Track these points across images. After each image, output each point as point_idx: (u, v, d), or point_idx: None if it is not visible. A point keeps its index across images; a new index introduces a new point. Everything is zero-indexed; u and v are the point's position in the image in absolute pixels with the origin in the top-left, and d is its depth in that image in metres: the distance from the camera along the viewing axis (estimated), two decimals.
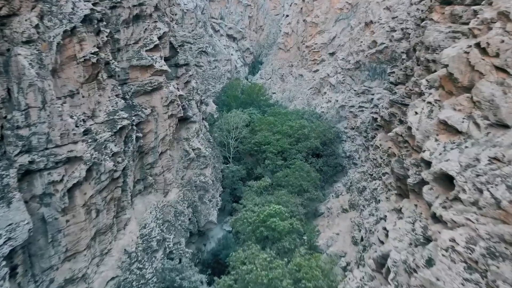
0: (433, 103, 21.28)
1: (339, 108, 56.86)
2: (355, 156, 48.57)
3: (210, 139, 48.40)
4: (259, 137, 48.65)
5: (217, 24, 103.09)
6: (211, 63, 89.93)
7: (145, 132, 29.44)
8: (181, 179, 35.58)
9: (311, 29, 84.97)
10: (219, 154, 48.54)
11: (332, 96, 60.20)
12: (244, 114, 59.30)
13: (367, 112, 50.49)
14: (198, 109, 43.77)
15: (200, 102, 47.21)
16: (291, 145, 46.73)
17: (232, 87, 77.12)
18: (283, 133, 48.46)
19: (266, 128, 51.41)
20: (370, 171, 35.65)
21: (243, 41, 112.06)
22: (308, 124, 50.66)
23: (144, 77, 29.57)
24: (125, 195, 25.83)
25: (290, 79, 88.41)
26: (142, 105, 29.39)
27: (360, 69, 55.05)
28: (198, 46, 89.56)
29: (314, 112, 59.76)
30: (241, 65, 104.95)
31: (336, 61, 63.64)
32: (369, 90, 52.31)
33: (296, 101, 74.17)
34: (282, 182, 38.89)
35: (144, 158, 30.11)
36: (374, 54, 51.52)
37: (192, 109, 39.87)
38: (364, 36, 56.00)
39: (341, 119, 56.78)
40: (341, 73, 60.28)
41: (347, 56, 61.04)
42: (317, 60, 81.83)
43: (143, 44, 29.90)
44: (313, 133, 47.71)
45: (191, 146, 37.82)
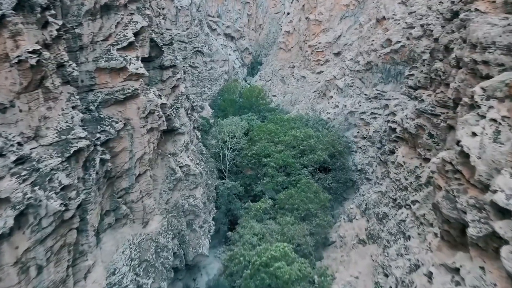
0: (500, 121, 15.47)
1: (347, 114, 51.00)
2: (367, 170, 42.70)
3: (203, 150, 42.58)
4: (258, 148, 42.81)
5: (214, 23, 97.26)
6: (207, 64, 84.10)
7: (117, 152, 23.55)
8: (165, 203, 29.68)
9: (314, 27, 79.20)
10: (213, 167, 42.68)
11: (340, 101, 54.35)
12: (242, 120, 53.55)
13: (380, 119, 44.64)
14: (188, 118, 37.90)
15: (191, 109, 41.32)
16: (295, 158, 40.88)
17: (229, 89, 71.26)
18: (285, 143, 42.61)
19: (266, 137, 45.54)
20: (391, 193, 29.77)
21: (241, 40, 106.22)
22: (314, 133, 44.78)
23: (116, 83, 23.69)
24: (85, 237, 19.93)
25: (291, 81, 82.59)
26: (113, 117, 23.51)
27: (372, 71, 49.21)
28: (193, 46, 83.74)
29: (320, 118, 53.91)
30: (239, 66, 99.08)
31: (344, 62, 57.80)
32: (382, 94, 46.48)
33: (298, 105, 68.27)
34: (286, 205, 33.02)
35: (115, 183, 24.20)
36: (388, 54, 45.69)
37: (180, 119, 34.00)
38: (376, 34, 50.18)
39: (350, 126, 50.93)
40: (350, 75, 54.45)
41: (356, 56, 55.20)
42: (321, 60, 76.10)
43: (114, 42, 24.03)
44: (320, 144, 41.88)
45: (178, 163, 31.95)
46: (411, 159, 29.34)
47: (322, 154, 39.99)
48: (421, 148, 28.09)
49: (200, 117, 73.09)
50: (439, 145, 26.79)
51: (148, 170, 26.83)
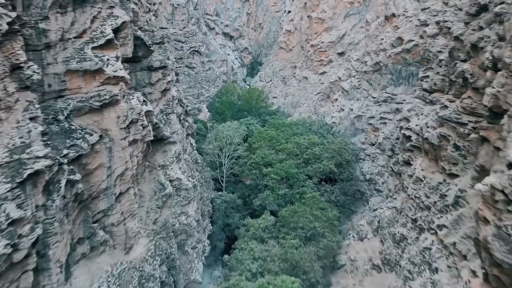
0: None
1: (354, 118, 47.42)
2: (377, 180, 39.14)
3: (198, 159, 39.02)
4: (258, 156, 39.23)
5: (212, 21, 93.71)
6: (205, 64, 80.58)
7: (91, 169, 19.98)
8: (153, 223, 26.12)
9: (316, 26, 75.67)
10: (209, 177, 39.13)
11: (345, 104, 50.78)
12: (241, 125, 49.98)
13: (391, 125, 41.09)
14: (181, 125, 34.37)
15: (184, 114, 37.78)
16: (299, 167, 37.30)
17: (228, 91, 67.65)
18: (288, 152, 39.04)
19: (267, 144, 41.97)
20: (410, 212, 26.21)
21: (240, 40, 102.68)
22: (318, 139, 41.20)
23: (90, 87, 20.12)
24: (47, 276, 16.36)
25: (293, 82, 79.04)
26: (87, 129, 19.93)
27: (380, 72, 45.65)
28: (190, 45, 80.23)
29: (324, 123, 50.33)
30: (238, 66, 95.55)
31: (349, 62, 54.24)
32: (392, 97, 42.93)
33: (301, 108, 64.69)
34: (290, 223, 29.42)
35: (90, 205, 20.62)
36: (399, 53, 42.14)
37: (171, 126, 30.47)
38: (384, 33, 46.62)
39: (357, 132, 47.36)
40: (356, 77, 50.87)
41: (362, 56, 51.65)
42: (324, 60, 72.56)
43: (89, 39, 20.47)
44: (325, 152, 38.31)
45: (168, 177, 28.40)
46: (432, 173, 25.77)
47: (328, 164, 36.38)
48: (444, 161, 24.52)
49: (196, 120, 69.60)
50: (467, 159, 23.24)
51: (132, 187, 23.27)
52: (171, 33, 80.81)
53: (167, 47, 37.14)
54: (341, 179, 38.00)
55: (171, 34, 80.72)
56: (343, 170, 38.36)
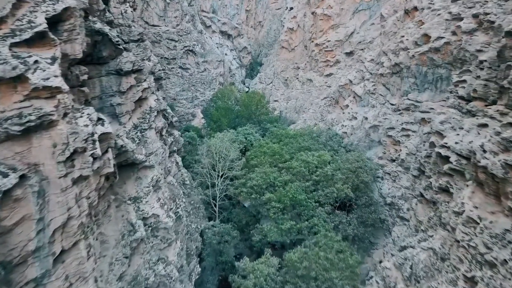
0: None
1: (369, 129, 40.88)
2: (400, 205, 32.61)
3: (186, 179, 32.50)
4: (258, 175, 32.72)
5: (209, 19, 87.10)
6: (200, 65, 73.99)
7: (9, 226, 13.42)
8: (118, 279, 19.60)
9: (322, 23, 69.08)
10: (199, 202, 32.62)
11: (358, 111, 44.24)
12: (238, 135, 43.48)
13: (416, 138, 34.55)
14: (163, 141, 27.80)
15: (169, 127, 31.27)
16: (307, 191, 30.73)
17: (224, 96, 61.03)
18: (294, 172, 32.47)
19: (268, 160, 35.42)
20: (461, 266, 19.67)
21: (239, 38, 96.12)
22: (330, 155, 34.62)
23: (8, 103, 13.56)
24: None
25: (296, 85, 72.47)
26: (3, 164, 13.37)
27: (401, 75, 39.11)
28: (184, 44, 73.66)
29: (334, 133, 43.76)
30: (236, 67, 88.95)
31: (362, 64, 47.68)
32: (416, 105, 36.39)
33: (305, 114, 58.10)
34: (299, 271, 22.87)
35: (12, 275, 14.05)
36: (425, 53, 35.59)
37: (147, 146, 23.95)
38: (405, 29, 40.07)
39: (372, 144, 40.84)
40: (371, 80, 44.32)
41: (377, 56, 45.09)
42: (330, 61, 66.04)
43: (9, 32, 13.92)
44: (339, 172, 31.71)
45: (142, 213, 21.92)
46: (493, 214, 19.25)
47: (343, 188, 29.82)
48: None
49: (189, 127, 63.02)
50: None
51: (82, 240, 16.68)
52: (163, 31, 74.29)
53: (147, 46, 30.54)
54: (358, 205, 31.43)
55: (163, 32, 74.21)
56: (360, 194, 31.79)
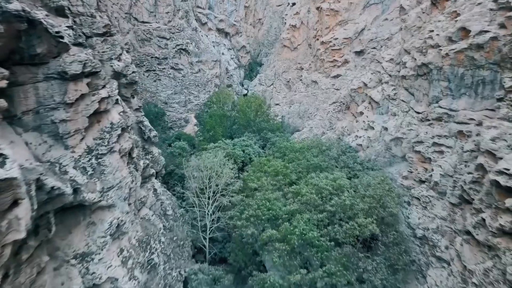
0: None
1: (390, 141, 34.31)
2: (436, 241, 26.03)
3: (167, 209, 25.95)
4: (258, 202, 26.14)
5: (204, 15, 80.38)
6: (194, 66, 67.35)
7: None
8: None
9: (328, 19, 62.44)
10: (184, 238, 26.02)
11: (376, 120, 37.66)
12: (235, 147, 36.95)
13: (453, 156, 27.97)
14: (134, 166, 21.21)
15: (147, 143, 24.75)
16: (320, 226, 24.12)
17: (219, 100, 54.29)
18: (304, 200, 25.83)
19: (270, 182, 28.85)
20: None
21: (237, 37, 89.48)
22: (347, 178, 28.01)
23: None
24: None
25: (299, 87, 65.85)
26: None
27: (429, 78, 32.54)
28: (176, 43, 67.05)
29: (347, 145, 37.16)
30: (234, 68, 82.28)
31: (379, 64, 41.09)
32: (450, 114, 29.80)
33: (311, 121, 51.48)
34: None
35: None
36: (462, 51, 29.00)
37: (105, 177, 17.38)
38: (434, 23, 33.49)
39: (394, 160, 34.28)
40: (390, 83, 37.73)
41: (398, 55, 38.49)
42: (337, 61, 59.43)
43: None
44: (360, 201, 25.06)
45: (91, 279, 15.32)
46: None
47: (367, 223, 23.21)
48: None
49: (180, 135, 56.36)
50: None
51: None
52: (154, 28, 67.68)
53: (117, 41, 23.98)
54: (385, 243, 24.78)
55: (153, 30, 67.60)
56: (387, 228, 25.13)
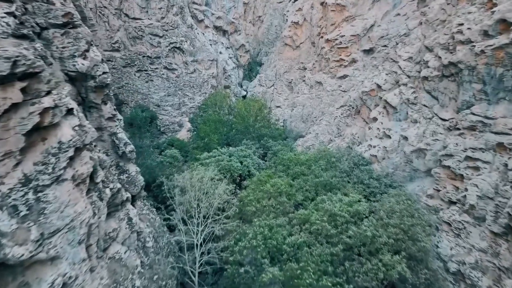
0: None
1: (411, 153, 29.58)
2: (475, 279, 21.27)
3: (146, 240, 21.26)
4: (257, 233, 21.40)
5: (201, 12, 75.65)
6: (189, 65, 62.59)
7: None
8: None
9: (334, 15, 57.73)
10: (166, 276, 21.28)
11: (393, 128, 32.91)
12: (231, 159, 32.32)
13: (493, 174, 23.24)
14: (98, 196, 16.46)
15: (122, 160, 20.14)
16: (334, 264, 19.34)
17: (215, 103, 49.50)
18: (313, 229, 21.04)
19: (271, 204, 24.11)
20: None
21: (236, 35, 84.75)
22: (365, 200, 23.23)
23: None
24: None
25: (302, 88, 61.10)
26: None
27: (458, 79, 27.83)
28: (169, 41, 62.26)
29: (360, 156, 32.42)
30: (232, 68, 77.49)
31: (395, 63, 36.34)
32: (486, 123, 25.06)
33: (317, 126, 46.70)
34: None
35: None
36: (502, 47, 24.27)
37: (43, 222, 12.54)
38: (463, 15, 28.74)
39: (415, 175, 29.54)
40: (409, 85, 32.99)
41: (417, 53, 33.74)
42: (344, 60, 54.71)
43: None
44: (383, 232, 20.26)
45: None
46: None
47: (395, 262, 18.46)
48: None
49: (173, 141, 51.59)
50: None
51: None
52: (146, 25, 62.88)
53: (81, 35, 19.16)
54: (415, 285, 19.99)
55: (145, 27, 62.80)
56: (417, 265, 20.35)
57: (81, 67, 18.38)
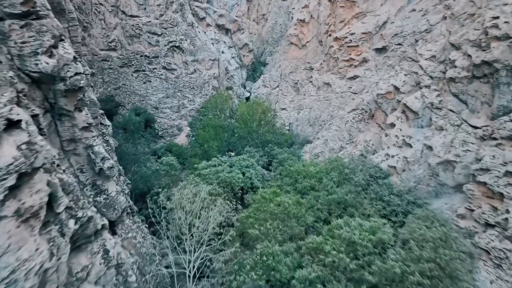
0: None
1: (437, 165, 25.88)
2: None
3: (128, 274, 17.69)
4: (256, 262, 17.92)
5: (202, 10, 72.20)
6: (189, 65, 59.20)
7: None
8: None
9: (343, 11, 54.08)
10: None
11: (414, 135, 29.23)
12: (232, 169, 28.91)
13: None
14: (59, 230, 12.95)
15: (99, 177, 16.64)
16: None
17: (215, 106, 45.90)
18: (327, 261, 17.42)
19: (277, 227, 20.57)
20: None
21: (239, 34, 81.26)
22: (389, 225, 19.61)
23: None
24: None
25: (309, 89, 57.48)
26: None
27: (492, 80, 24.13)
28: (168, 39, 58.90)
29: (376, 168, 28.74)
30: (235, 68, 73.98)
31: (415, 63, 32.62)
32: None
33: (326, 132, 43.05)
34: None
35: None
36: None
37: None
38: (497, 7, 25.01)
39: (442, 190, 25.83)
40: (432, 87, 29.28)
41: (441, 51, 30.00)
42: (354, 60, 51.06)
43: None
44: (414, 267, 16.58)
45: None
46: None
47: None
48: None
49: (171, 145, 48.24)
50: None
51: None
52: (143, 22, 59.58)
53: (46, 28, 15.66)
54: None
55: (143, 24, 59.50)
56: None
57: (45, 66, 14.92)
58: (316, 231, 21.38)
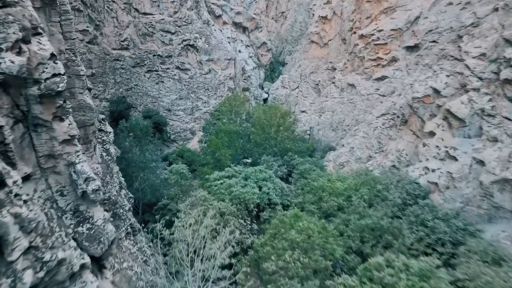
0: None
1: (491, 184, 21.63)
2: None
3: None
4: None
5: (219, 7, 69.09)
6: (203, 65, 56.11)
7: None
8: None
9: (370, 6, 49.83)
10: None
11: (459, 147, 24.99)
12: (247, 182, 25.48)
13: None
14: (11, 284, 9.52)
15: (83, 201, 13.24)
16: None
17: (230, 110, 42.34)
18: None
19: (300, 262, 16.88)
20: None
21: (257, 32, 77.78)
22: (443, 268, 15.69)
23: None
24: None
25: (331, 91, 53.42)
26: None
27: None
28: (182, 38, 56.04)
29: (416, 184, 24.62)
30: (253, 68, 70.46)
31: (459, 62, 28.31)
32: None
33: (352, 139, 39.00)
34: None
35: None
36: None
37: None
38: None
39: (497, 214, 21.59)
40: (483, 91, 24.96)
41: (493, 49, 25.62)
42: (382, 59, 46.83)
43: None
44: None
45: None
46: None
47: None
48: None
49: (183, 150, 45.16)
50: None
51: None
52: (157, 20, 56.94)
53: (12, 18, 12.31)
54: None
55: (156, 22, 56.84)
56: None
57: (10, 66, 11.68)
58: (347, 265, 17.62)
